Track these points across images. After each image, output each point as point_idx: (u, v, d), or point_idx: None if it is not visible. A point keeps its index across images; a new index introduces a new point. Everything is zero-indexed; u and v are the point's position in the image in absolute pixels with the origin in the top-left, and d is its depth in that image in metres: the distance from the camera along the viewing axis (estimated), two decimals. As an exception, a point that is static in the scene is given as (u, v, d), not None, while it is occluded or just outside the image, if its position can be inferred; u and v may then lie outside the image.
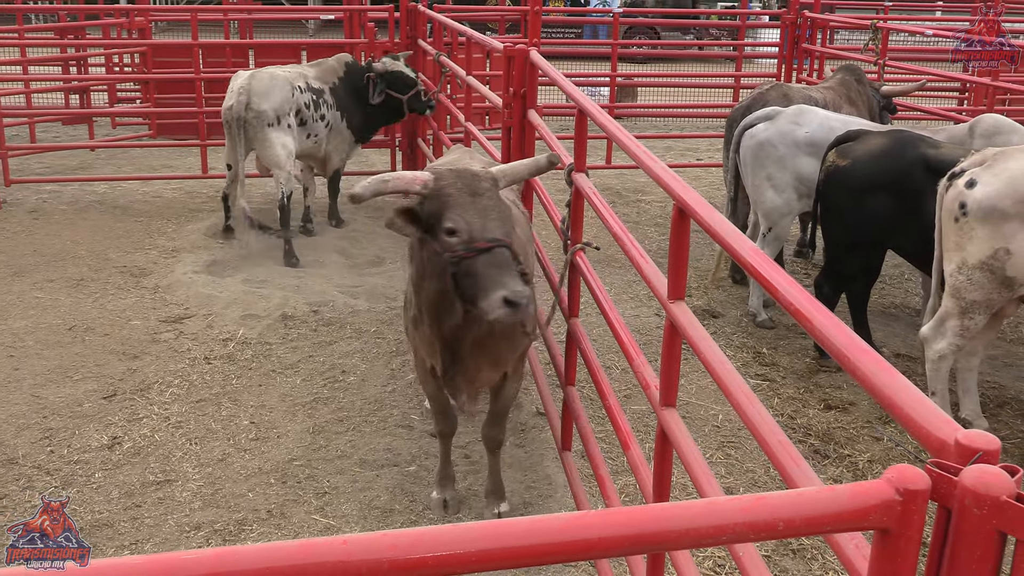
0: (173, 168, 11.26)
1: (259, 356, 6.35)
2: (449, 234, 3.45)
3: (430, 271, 3.65)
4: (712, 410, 5.71)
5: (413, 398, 5.77)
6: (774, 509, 1.34)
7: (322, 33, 22.65)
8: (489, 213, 3.48)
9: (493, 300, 3.35)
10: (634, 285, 7.65)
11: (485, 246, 3.40)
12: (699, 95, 14.87)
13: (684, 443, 2.77)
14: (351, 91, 8.45)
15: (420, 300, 3.86)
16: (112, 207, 9.61)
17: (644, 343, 6.47)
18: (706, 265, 8.26)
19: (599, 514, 1.34)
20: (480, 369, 4.14)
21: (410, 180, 3.48)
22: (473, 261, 3.41)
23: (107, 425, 5.44)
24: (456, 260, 3.44)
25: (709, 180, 11.31)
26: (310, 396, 5.82)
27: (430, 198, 3.49)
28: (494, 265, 3.38)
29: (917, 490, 1.33)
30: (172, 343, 6.53)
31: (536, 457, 5.18)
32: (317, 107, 8.25)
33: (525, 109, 5.50)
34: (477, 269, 3.40)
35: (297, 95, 8.08)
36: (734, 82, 12.80)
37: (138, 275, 7.73)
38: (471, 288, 3.44)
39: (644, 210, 10.05)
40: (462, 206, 3.46)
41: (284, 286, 7.50)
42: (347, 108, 8.45)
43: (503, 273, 3.37)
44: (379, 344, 6.54)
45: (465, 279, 3.45)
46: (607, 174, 11.33)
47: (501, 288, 3.35)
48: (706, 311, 7.22)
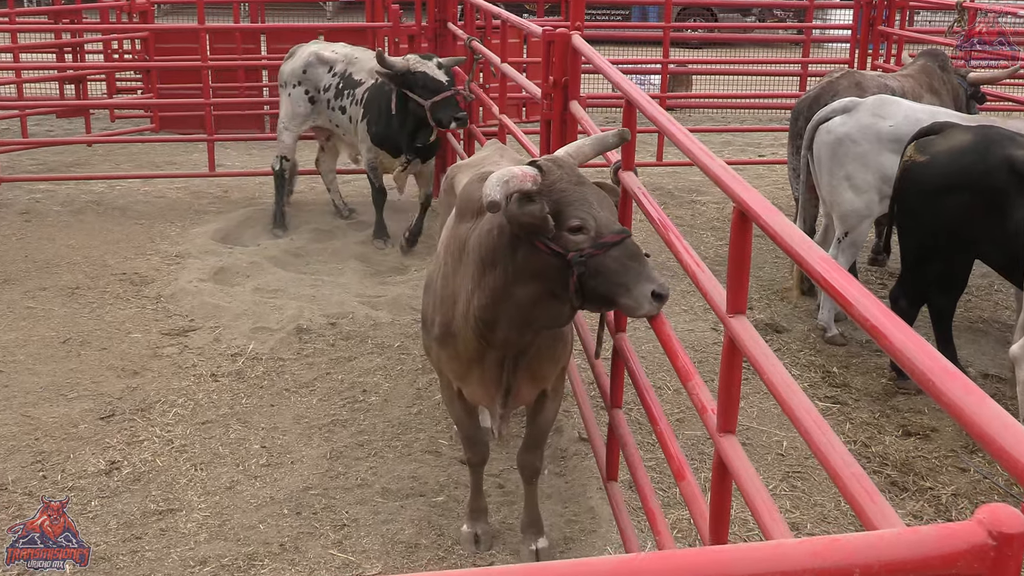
0: (177, 166, 11.36)
1: (271, 373, 6.41)
2: (575, 231, 3.51)
3: (530, 275, 3.65)
4: (776, 437, 5.68)
5: (441, 421, 5.81)
6: (849, 554, 1.32)
7: (341, 16, 22.84)
8: (602, 202, 3.59)
9: (640, 295, 3.46)
10: (688, 296, 7.66)
11: (615, 239, 3.50)
12: (761, 84, 14.84)
13: (744, 473, 2.76)
14: (388, 96, 8.13)
15: (494, 312, 3.82)
16: (110, 208, 9.73)
17: (699, 361, 6.48)
18: (769, 274, 8.23)
19: (651, 558, 1.32)
20: (520, 386, 4.18)
21: (523, 177, 3.51)
22: (603, 257, 3.48)
23: (104, 448, 5.49)
24: (583, 259, 3.49)
25: (772, 178, 11.27)
26: (327, 418, 5.87)
27: (542, 193, 3.53)
28: (629, 257, 3.49)
29: (1013, 534, 1.30)
30: (176, 358, 6.59)
31: (578, 487, 5.18)
32: (339, 96, 8.63)
33: (566, 100, 5.51)
34: (610, 265, 3.48)
35: (315, 71, 8.73)
36: (801, 69, 12.75)
37: (139, 283, 7.83)
38: (604, 286, 3.51)
39: (700, 212, 10.06)
40: (580, 199, 3.54)
41: (299, 296, 7.57)
42: (374, 111, 8.31)
43: (642, 264, 3.49)
44: (403, 360, 6.60)
45: (595, 278, 3.51)
46: (658, 172, 11.33)
47: (647, 281, 3.46)
48: (769, 325, 7.19)
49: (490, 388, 4.18)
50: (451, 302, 4.03)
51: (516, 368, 4.06)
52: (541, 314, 3.78)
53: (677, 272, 7.91)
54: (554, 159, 3.69)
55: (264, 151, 11.53)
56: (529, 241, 3.58)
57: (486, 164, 4.64)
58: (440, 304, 4.12)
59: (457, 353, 4.12)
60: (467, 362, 4.13)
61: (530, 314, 3.77)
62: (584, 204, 3.52)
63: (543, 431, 4.57)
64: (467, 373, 4.19)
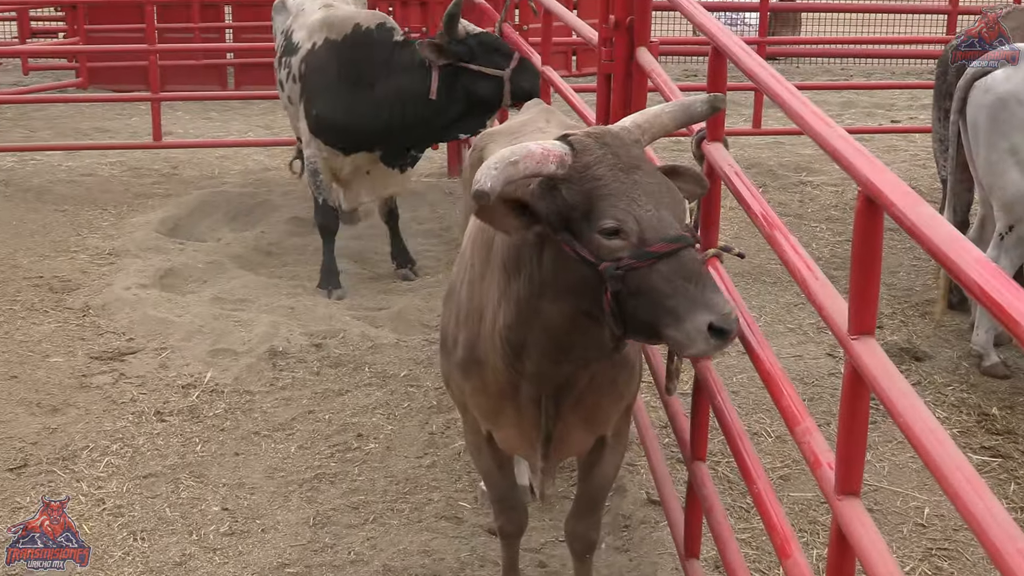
0: (111, 134, 11.41)
1: (235, 411, 6.42)
2: (610, 235, 3.40)
3: (561, 287, 3.61)
4: (915, 500, 5.65)
5: (462, 476, 5.78)
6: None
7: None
8: (660, 197, 3.46)
9: (693, 329, 3.31)
10: (796, 310, 7.64)
11: (665, 249, 3.37)
12: (894, 25, 14.77)
13: (872, 549, 2.74)
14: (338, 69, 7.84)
15: (521, 333, 3.81)
16: (21, 190, 9.80)
17: (811, 398, 6.45)
18: (905, 281, 8.18)
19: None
20: (569, 431, 4.15)
21: (541, 157, 3.43)
22: (646, 272, 3.37)
23: (13, 509, 5.45)
24: (622, 273, 3.40)
25: (911, 152, 11.22)
26: (310, 471, 5.86)
27: (571, 181, 3.47)
28: (684, 275, 3.35)
29: None
30: (109, 391, 6.59)
31: (647, 567, 5.13)
32: (279, 64, 8.43)
33: (633, 47, 5.50)
34: (655, 283, 3.37)
35: (277, 18, 8.68)
36: (949, 5, 12.68)
37: (60, 290, 7.87)
38: (646, 311, 3.41)
39: (811, 198, 10.03)
40: (623, 191, 3.43)
41: (272, 308, 7.57)
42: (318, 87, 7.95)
43: (700, 286, 3.34)
44: (411, 395, 6.58)
45: (636, 299, 3.41)
46: (755, 143, 11.30)
47: (704, 310, 3.30)
48: (905, 351, 7.15)
49: (530, 432, 4.14)
50: (478, 316, 4.01)
51: (558, 408, 4.01)
52: (578, 340, 3.73)
53: (780, 279, 7.99)
54: (600, 133, 3.61)
55: (226, 114, 11.60)
56: (557, 242, 3.53)
57: (526, 131, 4.62)
58: (465, 319, 4.10)
59: (485, 385, 4.10)
60: (498, 397, 4.11)
61: (564, 339, 3.74)
62: (626, 198, 3.41)
63: (600, 491, 4.54)
64: (499, 412, 4.18)
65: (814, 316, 7.32)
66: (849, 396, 2.86)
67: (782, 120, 11.13)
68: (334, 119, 7.83)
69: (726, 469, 5.70)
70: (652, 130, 3.75)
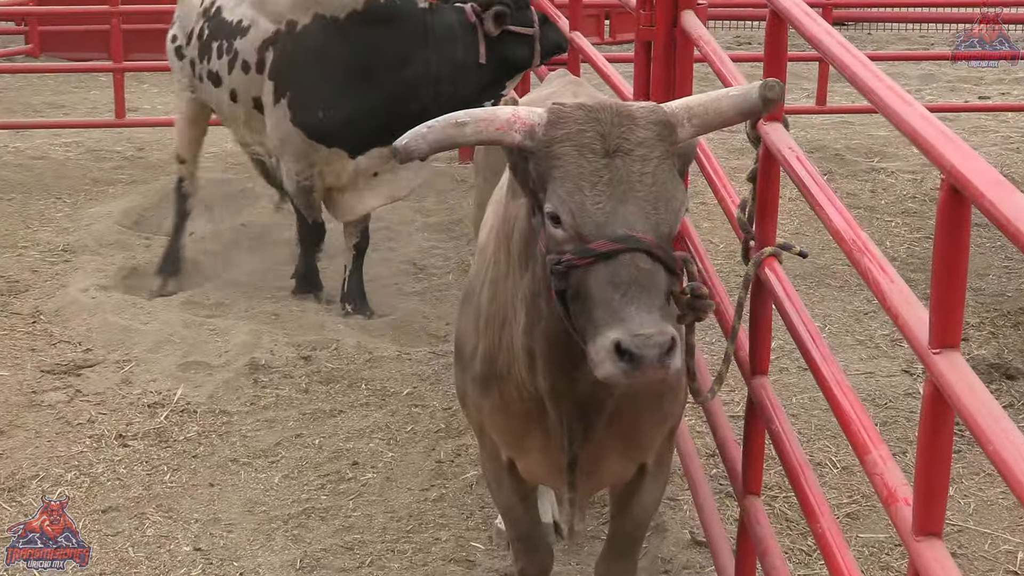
0: (67, 110, 11.43)
1: (210, 434, 6.42)
2: (553, 222, 3.44)
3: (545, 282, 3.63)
4: (1006, 543, 5.61)
5: (475, 512, 5.76)
6: None
7: None
8: (630, 190, 3.41)
9: (600, 346, 3.29)
10: (866, 319, 7.65)
11: (604, 248, 3.34)
12: (983, -17, 14.70)
13: (956, 599, 2.74)
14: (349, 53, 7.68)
15: (530, 337, 3.83)
16: (-39, 175, 9.80)
17: (885, 422, 6.44)
18: (996, 286, 8.15)
19: None
20: (602, 457, 4.15)
21: (504, 123, 3.48)
22: (586, 273, 3.36)
23: (-51, 549, 5.49)
24: (563, 269, 3.41)
25: (1002, 134, 11.18)
26: (297, 506, 5.85)
27: (536, 155, 3.49)
28: (613, 282, 3.32)
29: None
30: (62, 410, 6.59)
31: (691, 620, 5.17)
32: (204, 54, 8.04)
33: (677, 9, 5.49)
34: (589, 287, 3.36)
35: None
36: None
37: (5, 292, 7.90)
38: (582, 319, 3.41)
39: (885, 187, 10.03)
40: (575, 175, 3.42)
41: (253, 313, 7.60)
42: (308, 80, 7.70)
43: (626, 297, 3.30)
44: (416, 417, 6.58)
45: (575, 303, 3.42)
46: (819, 123, 11.29)
47: (617, 325, 3.27)
48: (996, 367, 7.12)
49: (559, 459, 4.09)
50: (499, 321, 4.02)
51: (588, 430, 3.97)
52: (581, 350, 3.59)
53: (848, 282, 8.01)
54: (600, 107, 3.56)
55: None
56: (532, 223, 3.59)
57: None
58: (486, 325, 4.11)
59: (507, 403, 4.10)
60: (523, 417, 4.11)
61: (566, 348, 3.67)
62: (573, 184, 3.41)
63: (638, 529, 4.56)
64: (523, 435, 4.19)
65: (888, 326, 7.32)
66: (929, 420, 2.84)
67: (851, 96, 11.26)
68: (351, 116, 7.64)
69: (784, 505, 5.70)
70: (707, 116, 3.70)
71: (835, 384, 3.59)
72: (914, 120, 3.01)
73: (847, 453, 6.04)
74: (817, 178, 3.79)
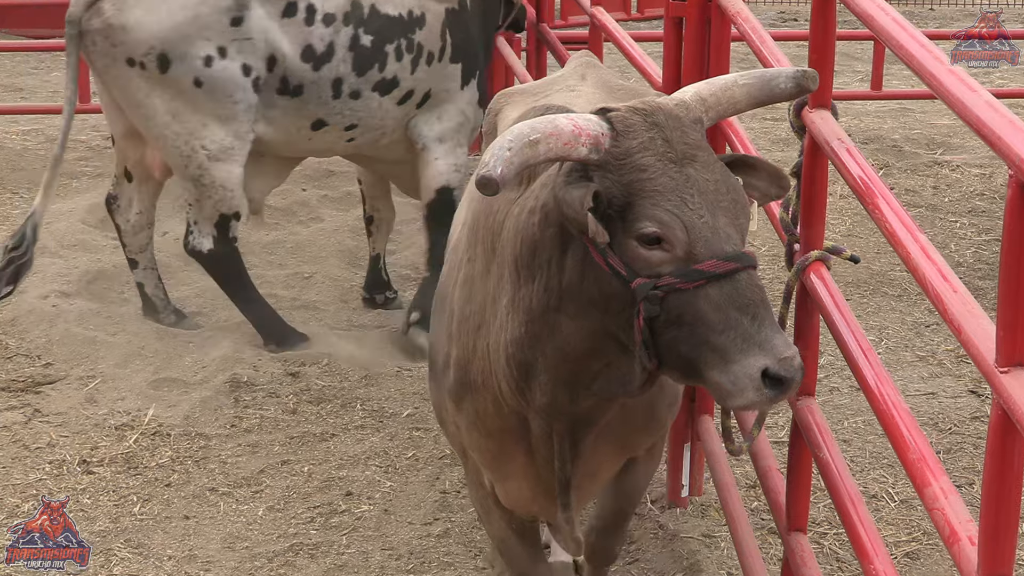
0: (24, 93, 11.80)
1: (185, 460, 6.38)
2: (650, 243, 3.45)
3: (584, 302, 3.66)
4: (1086, 588, 5.46)
5: (484, 548, 5.70)
6: None
7: None
8: (718, 199, 3.49)
9: (743, 374, 3.38)
10: (927, 333, 7.72)
11: (720, 269, 3.43)
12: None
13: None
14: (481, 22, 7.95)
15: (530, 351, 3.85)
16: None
17: (949, 450, 6.47)
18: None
19: None
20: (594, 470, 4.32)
21: (571, 137, 3.44)
22: (694, 296, 3.42)
23: None
24: (661, 294, 3.43)
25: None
26: (283, 541, 5.83)
27: (607, 169, 3.49)
28: (738, 305, 3.42)
29: None
30: (19, 432, 6.54)
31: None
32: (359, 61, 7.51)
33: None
34: (703, 312, 3.43)
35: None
36: None
37: (-47, 300, 7.87)
38: (688, 345, 3.47)
39: (948, 183, 10.05)
40: (671, 189, 3.45)
41: (234, 324, 7.55)
42: (475, 63, 7.87)
43: (757, 321, 3.41)
44: (418, 441, 6.58)
45: (676, 329, 3.47)
46: (874, 111, 11.55)
47: (759, 351, 3.38)
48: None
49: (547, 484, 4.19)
50: (474, 324, 4.06)
51: (578, 447, 4.10)
52: (599, 370, 3.81)
53: (906, 290, 8.13)
54: (650, 109, 3.60)
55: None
56: (584, 245, 3.59)
57: (552, 91, 4.77)
58: (458, 329, 4.14)
59: (482, 418, 4.14)
60: (499, 435, 4.15)
61: (583, 367, 3.81)
62: (675, 198, 3.45)
63: (630, 503, 4.82)
64: (501, 456, 4.23)
65: (953, 340, 7.01)
66: (998, 447, 2.86)
67: (910, 80, 11.49)
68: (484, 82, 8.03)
69: (834, 543, 5.70)
70: (720, 107, 3.81)
71: (891, 406, 3.62)
72: (979, 108, 2.98)
73: (905, 484, 6.07)
74: (870, 173, 3.83)
